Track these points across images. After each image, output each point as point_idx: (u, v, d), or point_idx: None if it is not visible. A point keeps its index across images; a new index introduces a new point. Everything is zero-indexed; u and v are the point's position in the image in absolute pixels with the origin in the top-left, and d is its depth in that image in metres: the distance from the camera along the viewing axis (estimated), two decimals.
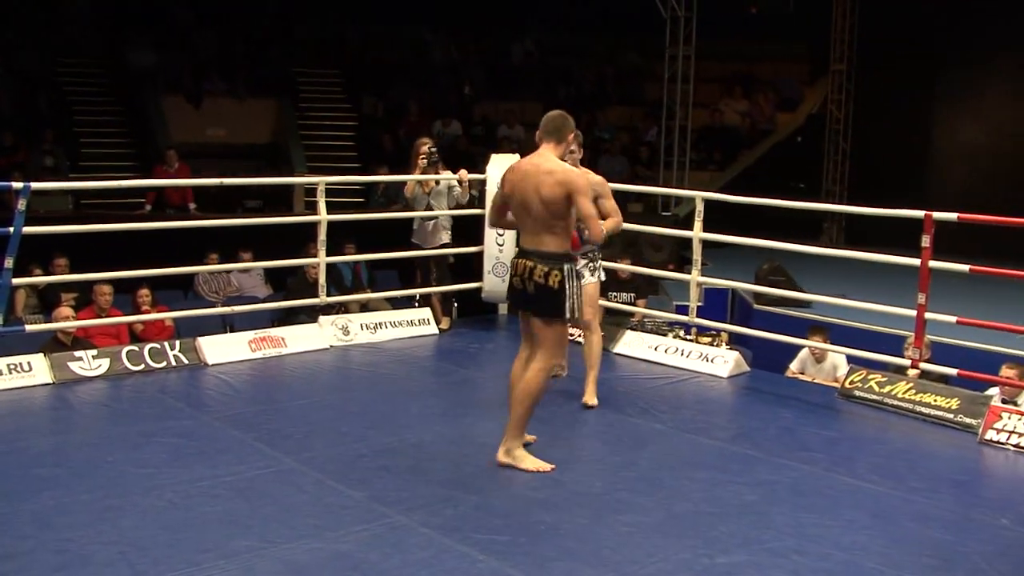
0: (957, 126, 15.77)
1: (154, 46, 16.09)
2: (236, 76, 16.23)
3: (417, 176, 8.51)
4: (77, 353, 6.82)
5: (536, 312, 5.08)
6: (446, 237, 8.61)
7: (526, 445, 5.26)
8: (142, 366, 6.89)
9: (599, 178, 6.07)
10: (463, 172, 8.59)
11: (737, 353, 7.50)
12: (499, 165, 8.57)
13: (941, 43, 15.75)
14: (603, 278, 6.48)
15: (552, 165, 5.01)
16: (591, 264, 6.29)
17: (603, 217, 5.57)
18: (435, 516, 4.51)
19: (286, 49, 17.21)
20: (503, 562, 4.08)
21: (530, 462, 5.12)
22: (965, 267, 6.41)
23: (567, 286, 5.00)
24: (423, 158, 8.48)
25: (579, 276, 5.17)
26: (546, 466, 5.11)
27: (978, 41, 15.11)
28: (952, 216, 6.36)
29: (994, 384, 6.98)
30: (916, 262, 6.42)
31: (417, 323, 8.29)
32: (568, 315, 5.05)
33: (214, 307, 9.24)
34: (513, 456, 5.14)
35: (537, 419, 5.42)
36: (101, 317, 8.00)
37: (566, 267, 5.01)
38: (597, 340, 6.42)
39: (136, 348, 7.04)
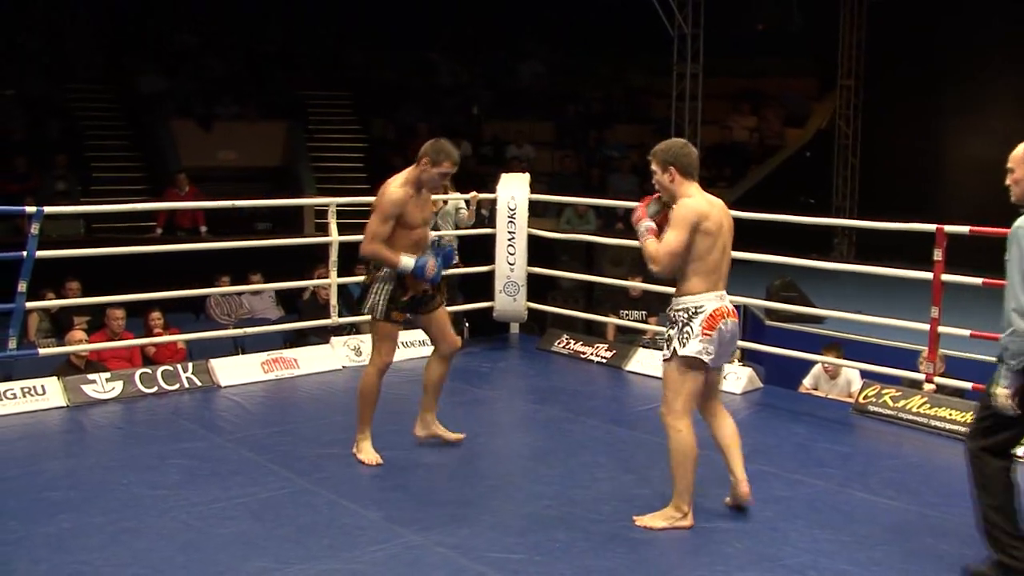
0: (966, 139, 15.74)
1: (163, 71, 16.21)
2: (246, 99, 16.33)
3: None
4: (90, 376, 6.83)
5: None
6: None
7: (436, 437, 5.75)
8: (155, 388, 6.90)
9: None
10: (474, 193, 8.60)
11: (750, 370, 7.48)
12: (509, 185, 8.59)
13: (949, 57, 15.75)
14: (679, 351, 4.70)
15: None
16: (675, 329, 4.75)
17: None
18: (450, 535, 4.51)
19: (295, 72, 17.31)
20: None
21: (366, 455, 5.49)
22: (978, 280, 6.39)
23: None
24: None
25: None
26: (376, 459, 5.46)
27: (986, 54, 15.11)
28: (964, 229, 6.35)
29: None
30: (929, 276, 6.41)
31: (428, 343, 8.25)
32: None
33: (226, 329, 9.26)
34: (356, 447, 5.55)
35: (546, 436, 5.42)
36: (114, 340, 8.02)
37: None
38: (674, 439, 4.75)
39: (149, 371, 7.05)
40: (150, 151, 15.39)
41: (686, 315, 4.64)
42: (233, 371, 7.23)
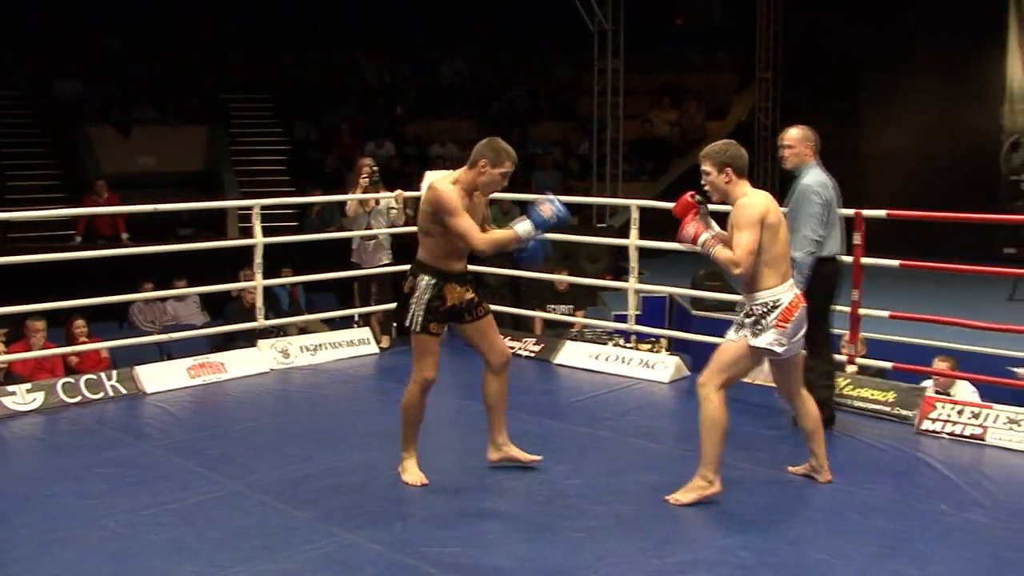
0: (883, 130, 16.06)
1: (81, 76, 15.93)
2: (166, 104, 16.11)
3: (359, 195, 8.51)
4: (9, 388, 6.67)
5: None
6: (386, 258, 8.61)
7: (520, 462, 5.33)
8: (79, 398, 6.77)
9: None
10: (399, 192, 8.59)
11: (677, 358, 7.56)
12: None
13: (864, 49, 16.05)
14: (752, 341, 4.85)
15: None
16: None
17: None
18: (383, 532, 4.50)
19: (217, 76, 17.13)
20: (454, 573, 4.08)
21: (408, 475, 5.18)
22: (895, 262, 6.54)
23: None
24: (365, 177, 8.48)
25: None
26: (421, 480, 5.15)
27: (900, 47, 15.43)
28: (881, 213, 6.51)
29: (928, 376, 7.14)
30: (848, 259, 6.54)
31: (357, 343, 8.25)
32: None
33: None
34: (400, 467, 5.23)
35: (476, 431, 5.44)
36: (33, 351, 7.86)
37: None
38: (707, 408, 4.89)
39: (72, 380, 6.91)
40: (67, 158, 15.10)
41: (763, 309, 4.78)
42: (159, 377, 7.13)
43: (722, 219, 5.02)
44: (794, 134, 6.00)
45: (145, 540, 4.45)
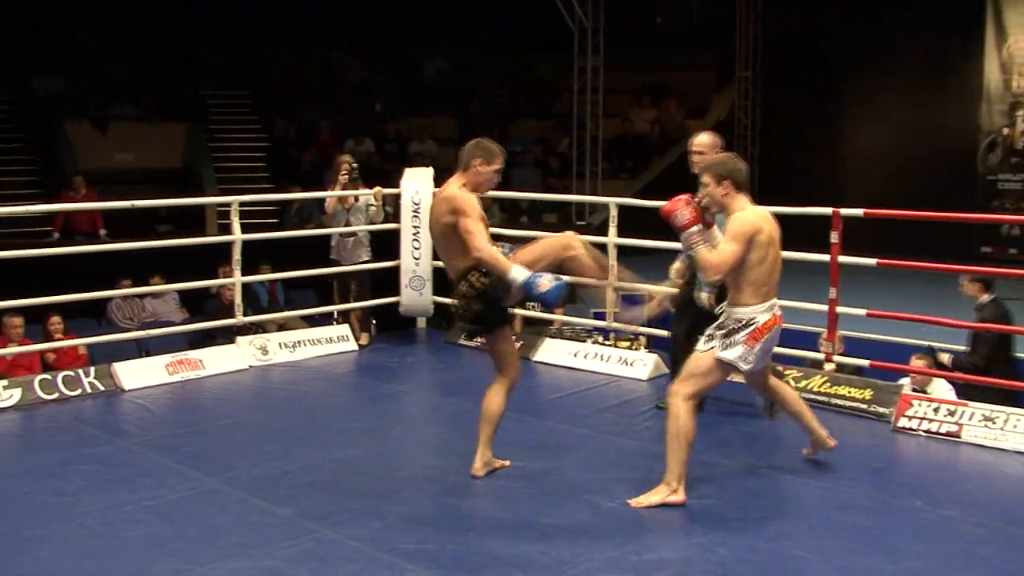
0: (861, 129, 16.14)
1: (60, 73, 15.84)
2: (145, 101, 16.04)
3: (338, 192, 8.50)
4: None
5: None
6: (366, 255, 8.60)
7: (495, 470, 5.26)
8: (56, 395, 6.74)
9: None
10: (378, 189, 8.59)
11: (656, 356, 7.58)
12: (413, 180, 8.59)
13: (843, 48, 16.13)
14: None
15: None
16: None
17: None
18: (362, 529, 4.50)
19: (196, 73, 17.06)
20: (433, 570, 4.08)
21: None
22: (872, 261, 6.58)
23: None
24: (344, 174, 8.47)
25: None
26: (504, 462, 5.25)
27: (879, 45, 15.51)
28: (858, 212, 6.54)
29: (905, 374, 7.18)
30: (826, 258, 6.58)
31: (336, 340, 8.24)
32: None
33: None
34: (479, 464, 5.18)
35: (456, 428, 5.44)
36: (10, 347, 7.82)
37: None
38: (677, 419, 4.88)
39: (49, 377, 6.88)
40: (45, 154, 15.02)
41: (736, 324, 4.81)
42: (137, 374, 7.10)
43: None
44: (705, 140, 6.12)
45: (123, 537, 4.44)
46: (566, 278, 5.02)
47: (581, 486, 5.07)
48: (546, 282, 4.81)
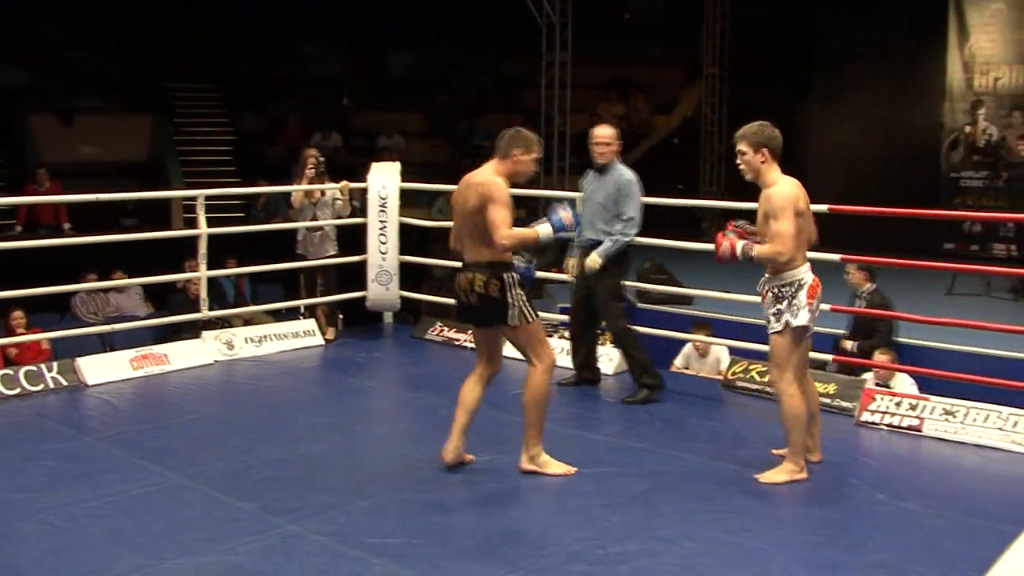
0: (829, 126, 16.22)
1: (22, 65, 15.68)
2: (110, 93, 15.91)
3: (305, 186, 8.46)
4: None
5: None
6: (332, 249, 8.57)
7: (462, 464, 5.24)
8: (18, 390, 6.67)
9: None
10: (345, 183, 8.56)
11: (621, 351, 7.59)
12: (380, 174, 8.57)
13: (811, 46, 16.21)
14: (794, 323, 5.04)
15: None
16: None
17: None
18: (327, 523, 4.49)
19: (162, 65, 16.94)
20: (398, 564, 4.08)
21: (554, 467, 5.14)
22: (837, 256, 6.63)
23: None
24: (311, 168, 8.43)
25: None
26: (569, 469, 5.14)
27: (846, 42, 15.61)
28: (823, 208, 6.56)
29: (868, 369, 7.25)
30: None
31: (302, 334, 8.22)
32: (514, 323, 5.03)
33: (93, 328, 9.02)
34: (538, 463, 5.14)
35: (422, 422, 5.43)
36: None
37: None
38: (788, 403, 5.08)
39: (11, 372, 6.81)
40: (8, 146, 14.88)
41: (792, 289, 5.00)
42: (101, 369, 7.05)
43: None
44: (609, 132, 6.73)
45: (86, 533, 4.41)
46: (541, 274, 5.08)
47: (547, 480, 5.08)
48: (566, 216, 4.99)
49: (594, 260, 6.58)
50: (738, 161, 5.09)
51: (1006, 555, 1.47)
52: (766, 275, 5.15)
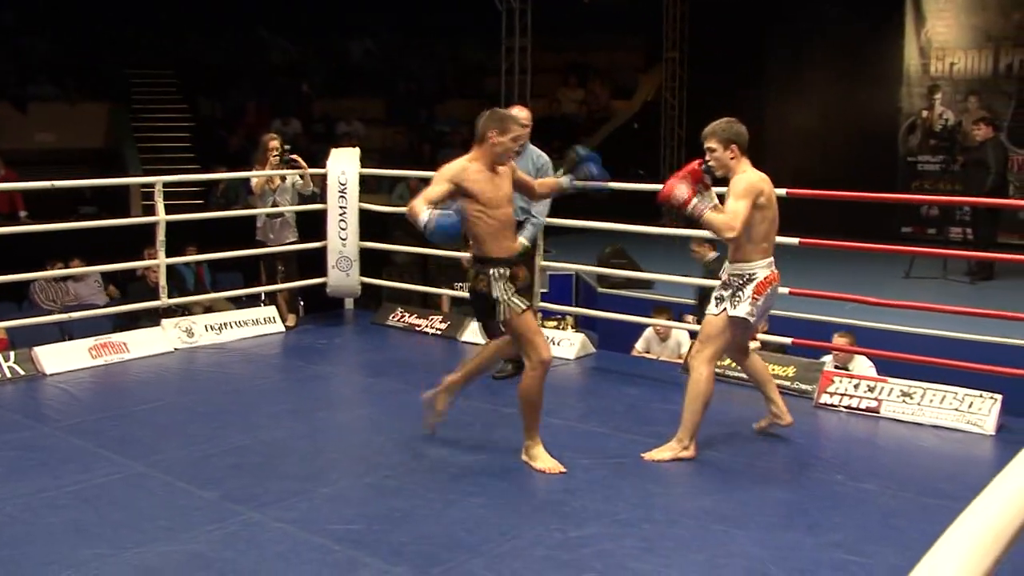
0: (787, 110, 16.32)
1: None
2: (66, 80, 15.73)
3: (268, 172, 8.39)
4: None
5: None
6: (293, 236, 8.53)
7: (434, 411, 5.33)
8: None
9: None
10: (297, 157, 8.46)
11: (583, 336, 7.65)
12: (339, 160, 8.54)
13: (769, 29, 16.29)
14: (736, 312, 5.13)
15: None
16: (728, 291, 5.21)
17: None
18: (289, 510, 4.49)
19: (119, 51, 16.75)
20: (359, 551, 4.08)
21: (542, 462, 5.03)
22: (795, 240, 6.68)
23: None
24: (275, 155, 8.36)
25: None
26: (556, 467, 5.00)
27: (804, 27, 15.68)
28: (781, 192, 6.60)
29: (827, 351, 7.32)
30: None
31: (263, 321, 8.19)
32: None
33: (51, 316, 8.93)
34: (529, 455, 5.08)
35: (383, 409, 5.42)
36: None
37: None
38: (696, 380, 5.22)
39: None
40: None
41: (740, 280, 5.10)
42: (59, 358, 6.99)
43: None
44: (527, 113, 6.84)
45: (44, 524, 4.38)
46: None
47: (507, 464, 5.10)
48: (432, 220, 4.60)
49: (521, 244, 6.50)
50: (707, 158, 5.13)
51: (941, 540, 1.50)
52: (726, 262, 5.22)
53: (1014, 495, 1.69)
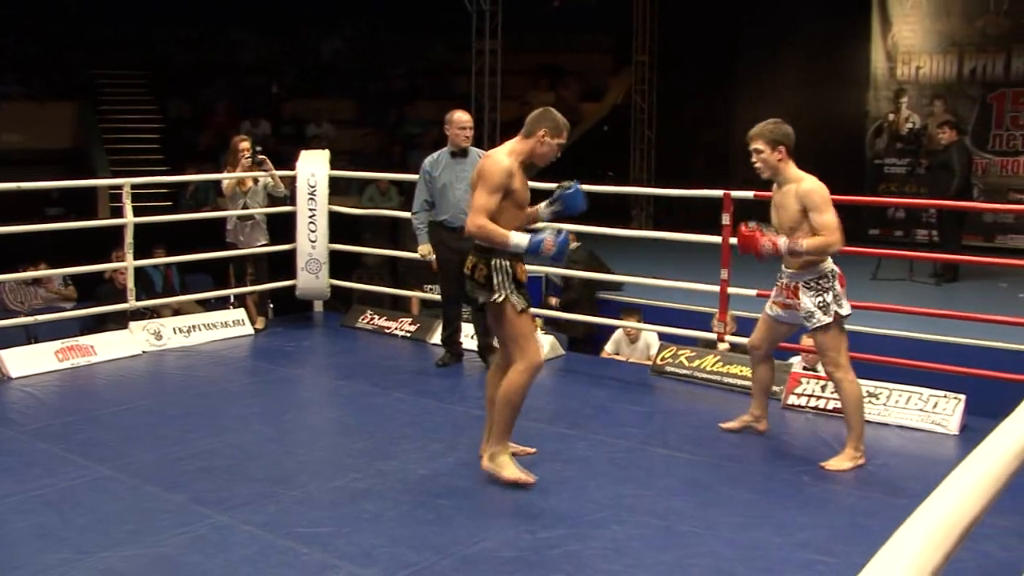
0: (755, 113, 16.28)
1: None
2: (32, 79, 15.59)
3: (239, 174, 8.33)
4: None
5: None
6: (263, 238, 8.49)
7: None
8: None
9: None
10: (264, 158, 8.40)
11: (552, 338, 7.66)
12: (309, 162, 8.52)
13: (738, 33, 16.37)
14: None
15: None
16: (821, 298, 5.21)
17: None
18: (257, 513, 4.47)
19: (86, 50, 16.63)
20: (328, 553, 4.08)
21: (510, 471, 4.79)
22: None
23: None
24: (248, 157, 8.30)
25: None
26: (528, 478, 4.78)
27: (773, 30, 15.76)
28: (749, 194, 6.67)
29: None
30: (718, 240, 6.71)
31: (232, 324, 8.15)
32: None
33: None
34: (496, 463, 4.82)
35: (352, 411, 5.42)
36: None
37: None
38: (849, 390, 5.22)
39: None
40: None
41: (829, 280, 5.14)
42: (24, 361, 6.94)
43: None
44: (469, 116, 6.98)
45: (8, 529, 4.35)
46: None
47: (476, 466, 5.06)
48: (549, 243, 4.72)
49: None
50: (754, 159, 5.17)
51: (893, 538, 1.53)
52: (789, 270, 5.27)
53: (964, 493, 1.72)
